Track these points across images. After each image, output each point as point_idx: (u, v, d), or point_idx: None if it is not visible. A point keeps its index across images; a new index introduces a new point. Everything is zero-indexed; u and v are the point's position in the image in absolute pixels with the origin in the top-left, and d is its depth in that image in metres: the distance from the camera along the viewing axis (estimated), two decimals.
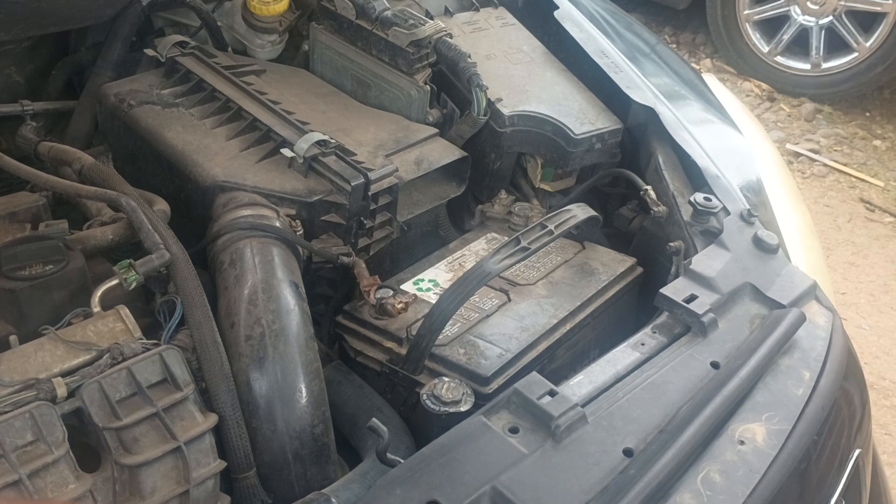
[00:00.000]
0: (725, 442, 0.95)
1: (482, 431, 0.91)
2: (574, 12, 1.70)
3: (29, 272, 0.97)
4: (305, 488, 0.99)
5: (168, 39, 1.44)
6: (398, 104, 1.49)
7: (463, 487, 0.84)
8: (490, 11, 1.71)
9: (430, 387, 1.04)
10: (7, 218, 1.12)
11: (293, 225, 1.17)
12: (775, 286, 1.18)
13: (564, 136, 1.44)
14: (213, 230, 1.12)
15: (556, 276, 1.28)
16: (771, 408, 1.00)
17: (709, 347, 1.07)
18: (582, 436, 0.92)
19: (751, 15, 4.32)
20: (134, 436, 0.88)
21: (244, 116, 1.31)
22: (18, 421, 0.81)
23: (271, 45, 1.63)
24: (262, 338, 1.00)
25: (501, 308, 1.20)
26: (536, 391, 0.94)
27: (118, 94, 1.35)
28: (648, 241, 1.38)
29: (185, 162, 1.23)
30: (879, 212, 3.72)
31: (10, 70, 1.54)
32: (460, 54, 1.44)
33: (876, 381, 2.76)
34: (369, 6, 1.48)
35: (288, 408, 0.98)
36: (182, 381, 0.92)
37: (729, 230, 1.26)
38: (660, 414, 0.96)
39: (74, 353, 0.91)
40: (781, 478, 0.94)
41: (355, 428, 1.10)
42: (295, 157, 1.22)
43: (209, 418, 0.93)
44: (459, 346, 1.12)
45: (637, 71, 1.57)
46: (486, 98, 1.42)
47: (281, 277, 1.05)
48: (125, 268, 1.00)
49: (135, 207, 1.07)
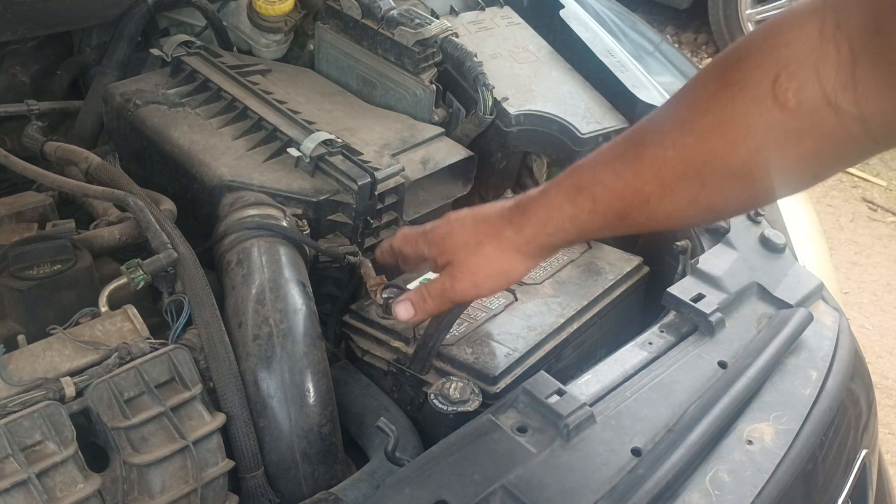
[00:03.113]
0: (733, 441, 0.95)
1: (490, 431, 0.91)
2: (579, 11, 1.70)
3: (36, 272, 0.97)
4: (313, 488, 0.99)
5: (173, 39, 1.44)
6: (404, 103, 1.49)
7: (472, 487, 0.84)
8: (495, 11, 1.71)
9: (437, 386, 1.04)
10: (14, 217, 1.12)
11: (300, 224, 1.17)
12: (782, 286, 1.18)
13: (570, 136, 1.44)
14: (220, 229, 1.12)
15: (563, 276, 1.28)
16: (778, 408, 1.00)
17: (716, 347, 1.07)
18: (590, 435, 0.92)
19: (753, 14, 4.33)
20: (142, 435, 0.88)
21: (250, 116, 1.31)
22: (27, 420, 0.81)
23: (276, 44, 1.63)
24: (270, 337, 1.00)
25: (508, 307, 1.20)
26: (545, 390, 0.94)
27: (124, 94, 1.35)
28: (655, 241, 1.38)
29: (192, 161, 1.23)
30: (882, 211, 3.73)
31: (16, 70, 1.54)
32: (466, 53, 1.44)
33: (879, 381, 2.76)
34: (375, 5, 1.48)
35: (296, 407, 0.98)
36: (190, 380, 0.92)
37: (736, 229, 1.26)
38: (668, 413, 0.96)
39: (82, 353, 0.91)
40: (789, 478, 0.94)
41: (362, 427, 1.10)
42: (301, 157, 1.22)
43: (217, 418, 0.93)
44: (467, 346, 1.12)
45: (643, 70, 1.57)
46: (491, 97, 1.42)
47: (288, 277, 1.05)
48: (133, 267, 1.00)
49: (142, 207, 1.07)
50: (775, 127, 0.73)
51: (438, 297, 1.01)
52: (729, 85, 0.76)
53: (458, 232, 0.99)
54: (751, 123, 0.74)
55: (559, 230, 0.91)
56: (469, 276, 0.98)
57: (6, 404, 0.83)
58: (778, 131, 0.73)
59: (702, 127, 0.78)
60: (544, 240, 0.93)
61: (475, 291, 1.00)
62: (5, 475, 0.79)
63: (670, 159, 0.80)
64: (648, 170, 0.82)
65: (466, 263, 0.98)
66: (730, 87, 0.76)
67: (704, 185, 0.80)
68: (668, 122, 0.82)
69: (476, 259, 0.97)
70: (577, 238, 0.95)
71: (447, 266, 1.00)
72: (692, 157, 0.79)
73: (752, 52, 0.75)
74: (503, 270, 0.97)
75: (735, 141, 0.76)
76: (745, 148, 0.76)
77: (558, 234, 0.92)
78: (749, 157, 0.76)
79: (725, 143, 0.76)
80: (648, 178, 0.82)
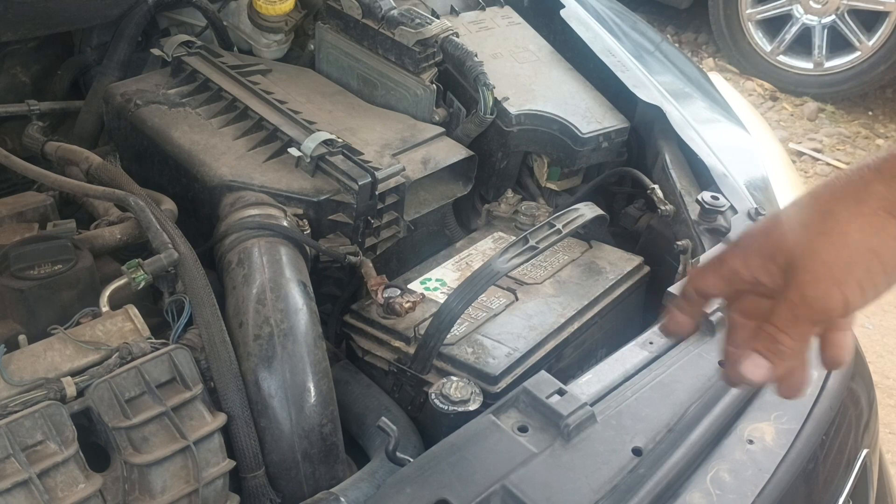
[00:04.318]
0: (734, 441, 0.95)
1: (491, 430, 0.91)
2: (580, 11, 1.70)
3: (37, 272, 0.97)
4: (314, 487, 0.99)
5: (174, 39, 1.44)
6: (404, 103, 1.49)
7: (473, 486, 0.83)
8: (496, 10, 1.71)
9: (438, 386, 1.04)
10: (15, 218, 1.12)
11: (300, 224, 1.17)
12: None
13: (571, 135, 1.44)
14: (221, 229, 1.12)
15: (564, 275, 1.28)
16: (779, 407, 1.00)
17: (717, 346, 1.07)
18: (591, 435, 0.91)
19: (753, 14, 4.32)
20: (143, 435, 0.88)
21: (251, 116, 1.31)
22: (28, 420, 0.81)
23: (277, 44, 1.63)
24: (271, 337, 1.00)
25: (509, 307, 1.20)
26: (545, 390, 0.94)
27: (125, 94, 1.35)
28: (655, 240, 1.38)
29: (192, 161, 1.23)
30: None
31: (16, 70, 1.54)
32: (466, 53, 1.44)
33: (880, 381, 2.76)
34: (375, 5, 1.48)
35: (297, 407, 0.98)
36: (191, 380, 0.92)
37: (736, 229, 1.26)
38: (668, 413, 0.96)
39: (83, 353, 0.91)
40: (790, 477, 0.94)
41: (363, 427, 1.10)
42: (302, 157, 1.22)
43: (218, 418, 0.93)
44: (467, 346, 1.12)
45: (643, 70, 1.57)
46: (492, 97, 1.42)
47: (289, 277, 1.05)
48: (133, 267, 1.00)
49: (143, 207, 1.07)
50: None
51: (790, 324, 0.65)
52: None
53: (789, 215, 0.67)
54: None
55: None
56: (822, 270, 0.63)
57: (7, 404, 0.83)
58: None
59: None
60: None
61: (840, 294, 0.63)
62: (7, 475, 0.79)
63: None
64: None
65: (812, 251, 0.63)
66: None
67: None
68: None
69: (825, 240, 0.63)
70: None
71: (786, 277, 0.66)
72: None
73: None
74: (871, 248, 0.62)
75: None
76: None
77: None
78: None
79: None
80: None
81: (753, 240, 0.69)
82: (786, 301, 0.65)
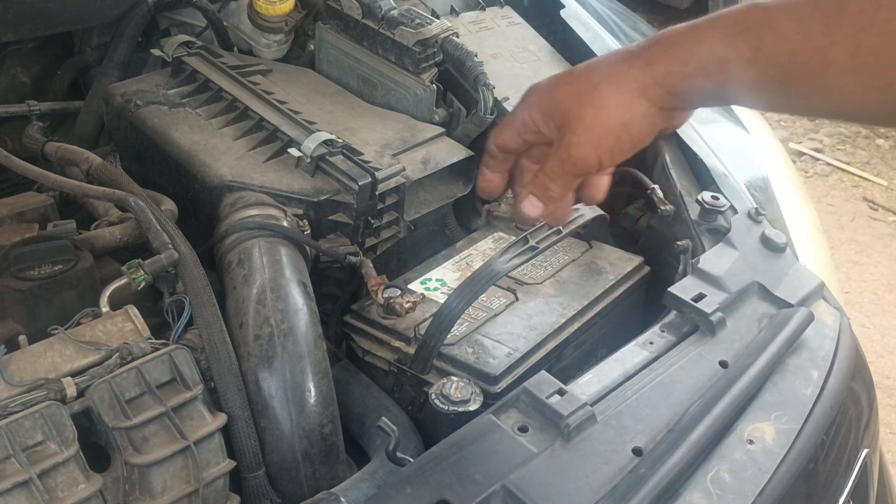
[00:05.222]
0: (734, 441, 0.95)
1: (491, 430, 0.91)
2: (580, 11, 1.70)
3: (38, 272, 0.97)
4: (314, 488, 0.99)
5: (174, 39, 1.44)
6: (404, 103, 1.49)
7: (473, 486, 0.83)
8: (496, 10, 1.71)
9: (438, 386, 1.04)
10: (15, 218, 1.12)
11: (300, 224, 1.17)
12: (783, 285, 1.18)
13: None
14: (221, 230, 1.12)
15: (564, 276, 1.28)
16: (779, 407, 1.00)
17: (717, 346, 1.07)
18: (591, 435, 0.92)
19: None
20: (143, 435, 0.88)
21: (251, 116, 1.31)
22: (28, 421, 0.81)
23: (277, 44, 1.63)
24: (271, 337, 1.00)
25: (509, 307, 1.20)
26: (545, 390, 0.94)
27: (125, 94, 1.35)
28: (655, 240, 1.38)
29: (192, 162, 1.23)
30: (883, 211, 3.72)
31: (16, 70, 1.54)
32: (467, 53, 1.44)
33: (880, 381, 2.77)
34: (375, 5, 1.48)
35: (297, 407, 0.98)
36: (191, 380, 0.92)
37: (737, 229, 1.26)
38: (669, 413, 0.96)
39: (84, 353, 0.91)
40: (790, 478, 0.94)
41: (363, 427, 1.10)
42: (302, 157, 1.22)
43: (218, 418, 0.93)
44: (468, 346, 1.12)
45: None
46: (492, 97, 1.42)
47: (289, 277, 1.05)
48: (134, 267, 1.00)
49: (143, 207, 1.07)
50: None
51: (558, 175, 0.81)
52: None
53: (567, 82, 0.79)
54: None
55: (700, 73, 0.72)
56: (585, 135, 0.77)
57: (7, 405, 0.83)
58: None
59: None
60: (678, 82, 0.73)
61: (595, 155, 0.78)
62: (7, 475, 0.79)
63: (882, 21, 0.61)
64: (848, 28, 0.63)
65: (580, 118, 0.77)
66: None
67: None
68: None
69: (591, 111, 0.76)
70: (714, 94, 0.74)
71: (560, 133, 0.79)
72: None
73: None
74: (623, 122, 0.75)
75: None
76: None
77: (697, 77, 0.72)
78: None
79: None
80: (842, 38, 0.63)
81: (538, 96, 0.82)
82: (556, 156, 0.80)
